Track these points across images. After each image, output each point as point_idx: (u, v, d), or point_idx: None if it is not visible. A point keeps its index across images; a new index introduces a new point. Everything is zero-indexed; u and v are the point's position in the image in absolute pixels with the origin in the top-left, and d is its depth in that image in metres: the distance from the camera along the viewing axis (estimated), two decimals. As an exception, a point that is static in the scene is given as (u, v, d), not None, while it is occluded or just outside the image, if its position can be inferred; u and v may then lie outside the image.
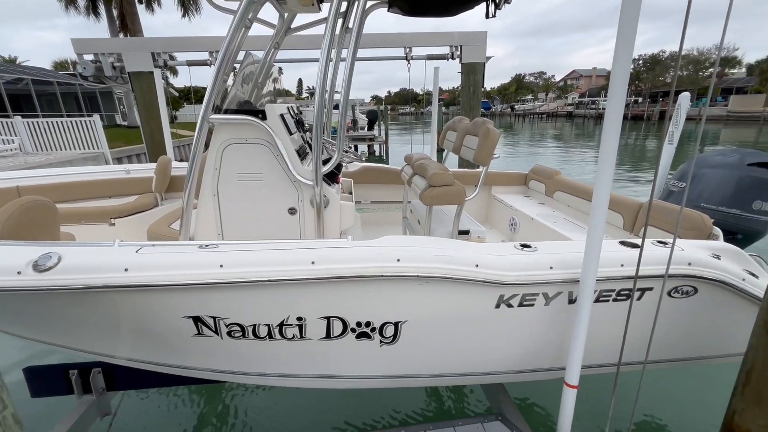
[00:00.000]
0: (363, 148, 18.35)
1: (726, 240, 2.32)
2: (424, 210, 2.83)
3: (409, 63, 5.71)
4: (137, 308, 1.71)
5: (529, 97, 72.23)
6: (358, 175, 4.08)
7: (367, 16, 2.87)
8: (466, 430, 2.08)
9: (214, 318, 1.75)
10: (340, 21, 2.55)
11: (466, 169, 4.46)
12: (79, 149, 10.13)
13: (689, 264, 1.89)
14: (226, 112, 2.33)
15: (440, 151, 4.21)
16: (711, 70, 41.21)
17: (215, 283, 1.61)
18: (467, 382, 2.24)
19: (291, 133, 2.40)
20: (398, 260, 1.71)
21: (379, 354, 1.94)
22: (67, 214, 3.19)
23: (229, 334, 1.82)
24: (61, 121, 9.86)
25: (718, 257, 1.99)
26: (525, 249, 1.93)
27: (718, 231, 2.34)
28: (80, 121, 9.86)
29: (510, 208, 3.81)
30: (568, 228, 3.10)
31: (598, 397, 2.56)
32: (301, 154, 2.48)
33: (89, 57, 5.71)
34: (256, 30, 2.97)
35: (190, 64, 5.77)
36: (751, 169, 2.82)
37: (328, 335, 1.84)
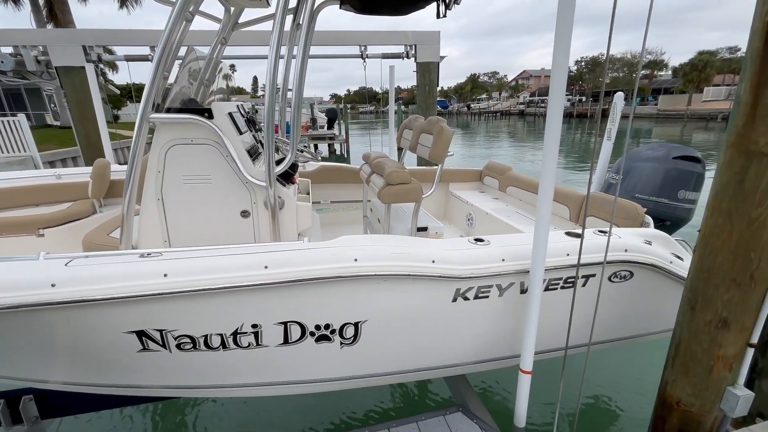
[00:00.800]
0: (324, 147, 18.02)
1: (656, 227, 2.54)
2: (383, 208, 2.83)
3: (364, 61, 5.68)
4: (71, 327, 1.56)
5: (484, 96, 74.86)
6: (316, 174, 3.99)
7: (318, 12, 2.82)
8: (429, 424, 2.11)
9: (161, 331, 1.64)
10: (291, 17, 2.40)
11: (424, 167, 4.48)
12: (3, 152, 9.09)
13: (625, 250, 2.05)
14: (169, 110, 2.18)
15: (401, 149, 4.24)
16: (642, 71, 45.18)
17: (159, 294, 1.50)
18: (429, 376, 2.25)
19: (241, 133, 2.31)
20: (355, 260, 1.71)
21: (341, 356, 1.92)
22: None
23: (178, 347, 1.71)
24: (-21, 121, 8.77)
25: (649, 243, 2.17)
26: (479, 243, 2.00)
27: (649, 219, 2.55)
28: (2, 121, 8.83)
29: (466, 203, 3.90)
30: (520, 221, 3.24)
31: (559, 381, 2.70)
32: (253, 154, 2.40)
33: (8, 50, 5.09)
34: (205, 25, 2.82)
35: (129, 59, 5.33)
36: (676, 161, 3.11)
37: (286, 341, 1.80)
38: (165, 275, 1.52)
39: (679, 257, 2.23)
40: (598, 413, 3.02)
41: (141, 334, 1.63)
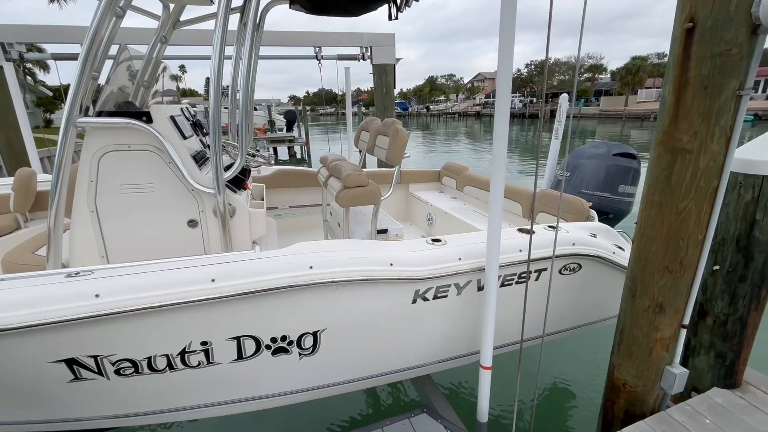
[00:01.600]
0: (283, 150, 17.63)
1: (601, 220, 2.71)
2: (342, 212, 2.79)
3: (319, 63, 5.59)
4: None
5: (442, 98, 76.65)
6: (272, 179, 3.84)
7: (267, 12, 2.76)
8: (394, 428, 2.09)
9: (95, 357, 1.50)
10: (238, 16, 2.31)
11: (383, 169, 4.44)
12: None
13: (573, 244, 2.15)
14: (101, 114, 2.00)
15: (361, 151, 4.21)
16: (586, 75, 48.53)
17: (89, 317, 1.37)
18: (393, 380, 2.23)
19: (185, 137, 2.17)
20: (311, 267, 1.66)
21: (300, 367, 1.86)
22: None
23: (117, 372, 1.57)
24: None
25: (594, 236, 2.30)
26: (436, 243, 2.01)
27: (594, 213, 2.71)
28: None
29: (426, 204, 3.93)
30: (477, 219, 3.30)
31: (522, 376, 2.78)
32: (201, 159, 2.27)
33: None
34: (146, 22, 2.64)
35: (56, 57, 4.83)
36: (615, 158, 3.35)
37: (240, 356, 1.72)
38: (96, 295, 1.39)
39: (620, 248, 2.39)
40: (556, 400, 3.16)
41: (71, 363, 1.48)
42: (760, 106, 27.30)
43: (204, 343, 1.62)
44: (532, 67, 52.27)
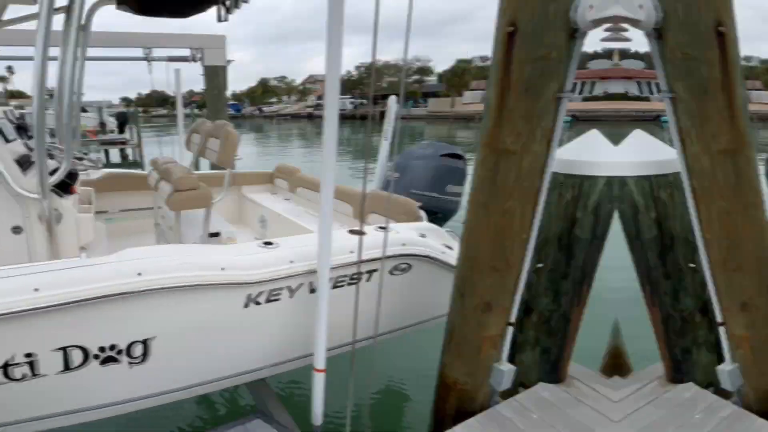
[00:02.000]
0: (115, 152, 17.42)
1: (431, 219, 2.81)
2: (173, 215, 2.80)
3: (149, 64, 5.56)
4: None
5: (274, 99, 75.05)
6: (102, 183, 3.73)
7: (94, 12, 2.67)
8: None
9: None
10: (64, 16, 2.21)
11: (215, 171, 4.20)
12: None
13: (403, 245, 2.20)
14: None
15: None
16: (414, 77, 53.15)
17: None
18: (228, 385, 2.24)
19: (7, 141, 2.25)
20: (139, 274, 1.66)
21: (130, 376, 1.83)
22: None
23: None
24: None
25: (424, 236, 2.38)
26: (267, 246, 2.04)
27: (422, 213, 2.80)
28: None
29: (259, 206, 3.86)
30: (310, 221, 3.19)
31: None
32: (25, 163, 2.28)
33: None
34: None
35: None
36: (443, 159, 3.59)
37: (67, 367, 1.68)
38: None
39: (449, 247, 2.50)
40: (391, 400, 3.17)
41: None
42: (577, 108, 35.22)
43: (29, 355, 1.59)
44: (362, 69, 55.01)
